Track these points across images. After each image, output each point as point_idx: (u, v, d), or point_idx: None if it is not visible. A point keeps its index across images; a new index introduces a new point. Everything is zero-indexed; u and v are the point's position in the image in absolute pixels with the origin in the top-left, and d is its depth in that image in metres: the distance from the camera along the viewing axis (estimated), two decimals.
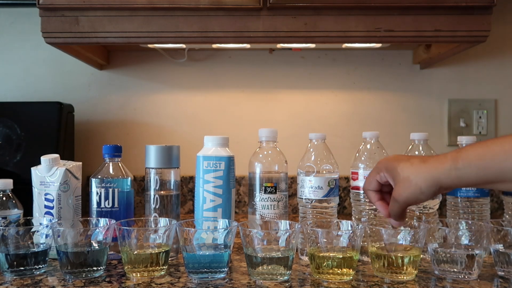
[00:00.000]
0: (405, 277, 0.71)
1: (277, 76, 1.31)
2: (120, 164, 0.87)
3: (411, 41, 1.07)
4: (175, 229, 0.75)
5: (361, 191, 0.86)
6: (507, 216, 0.97)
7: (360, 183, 0.86)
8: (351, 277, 0.71)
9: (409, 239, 0.73)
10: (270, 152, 0.88)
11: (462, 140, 0.96)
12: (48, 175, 0.82)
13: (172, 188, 0.86)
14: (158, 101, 1.30)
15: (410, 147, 0.93)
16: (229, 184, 0.83)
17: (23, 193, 0.88)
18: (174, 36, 0.96)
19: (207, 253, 0.72)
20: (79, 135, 1.25)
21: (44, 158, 0.83)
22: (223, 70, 1.30)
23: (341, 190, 1.26)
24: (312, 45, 1.18)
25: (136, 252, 0.72)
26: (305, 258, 0.81)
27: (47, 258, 0.76)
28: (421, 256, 0.84)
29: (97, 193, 0.84)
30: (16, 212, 0.83)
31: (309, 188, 0.85)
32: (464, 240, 0.75)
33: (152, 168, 0.85)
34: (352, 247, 0.71)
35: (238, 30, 0.96)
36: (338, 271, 0.70)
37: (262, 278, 0.70)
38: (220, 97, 1.30)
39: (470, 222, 0.79)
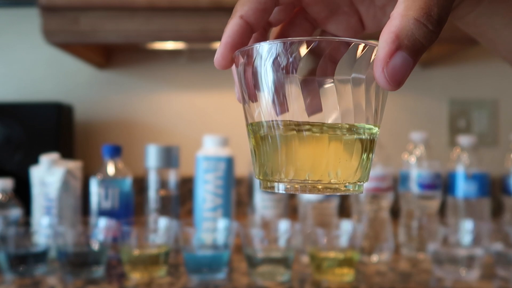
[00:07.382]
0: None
1: None
2: (120, 164, 0.87)
3: None
4: (175, 229, 0.75)
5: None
6: (507, 216, 0.97)
7: None
8: (352, 278, 0.71)
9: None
10: None
11: (462, 140, 0.96)
12: (48, 175, 0.82)
13: (172, 188, 0.86)
14: (158, 101, 1.29)
15: (410, 147, 0.93)
16: (229, 184, 0.83)
17: (23, 193, 0.89)
18: (174, 35, 0.96)
19: (207, 253, 0.72)
20: (79, 135, 1.25)
21: (44, 158, 0.83)
22: (223, 70, 1.30)
23: None
24: None
25: (136, 252, 0.72)
26: (305, 258, 0.81)
27: (47, 258, 0.76)
28: (422, 256, 0.85)
29: (97, 193, 0.84)
30: (16, 212, 0.83)
31: None
32: (464, 240, 0.75)
33: (152, 168, 0.85)
34: (352, 247, 0.71)
35: None
36: (338, 272, 0.70)
37: (262, 278, 0.70)
38: (220, 97, 1.30)
39: (470, 222, 0.79)
